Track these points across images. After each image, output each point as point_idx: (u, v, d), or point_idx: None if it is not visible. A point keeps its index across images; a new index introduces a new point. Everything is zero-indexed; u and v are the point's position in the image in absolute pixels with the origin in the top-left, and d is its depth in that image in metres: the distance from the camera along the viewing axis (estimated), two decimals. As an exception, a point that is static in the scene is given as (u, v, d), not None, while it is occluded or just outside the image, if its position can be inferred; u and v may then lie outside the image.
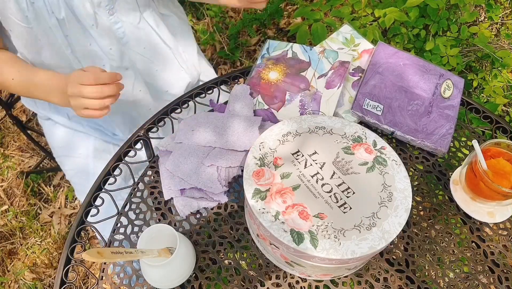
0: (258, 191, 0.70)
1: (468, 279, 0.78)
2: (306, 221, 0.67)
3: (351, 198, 0.70)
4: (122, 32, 0.92)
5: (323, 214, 0.68)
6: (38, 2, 0.80)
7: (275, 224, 0.67)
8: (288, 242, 0.65)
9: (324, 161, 0.74)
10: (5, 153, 1.79)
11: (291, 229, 0.66)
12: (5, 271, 1.54)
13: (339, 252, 0.65)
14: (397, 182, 0.72)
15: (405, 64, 0.94)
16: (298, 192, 0.70)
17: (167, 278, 0.73)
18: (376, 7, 1.49)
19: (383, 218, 0.68)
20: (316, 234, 0.66)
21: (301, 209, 0.69)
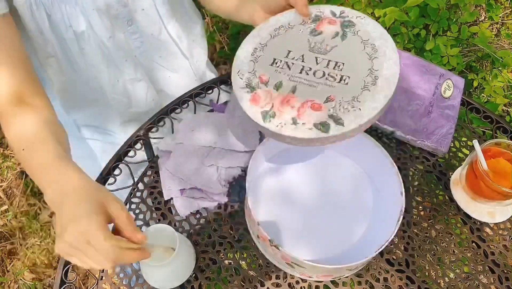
0: (265, 113, 0.69)
1: (469, 279, 0.78)
2: (321, 111, 0.67)
3: (344, 69, 0.70)
4: (140, 42, 0.91)
5: (331, 96, 0.68)
6: (56, 15, 0.78)
7: (298, 128, 0.67)
8: (317, 135, 0.65)
9: (302, 53, 0.74)
10: (5, 153, 1.78)
11: (314, 124, 0.66)
12: (5, 271, 1.54)
13: (365, 114, 0.65)
14: (372, 31, 0.72)
15: (405, 64, 0.94)
16: (299, 92, 0.70)
17: (167, 278, 0.73)
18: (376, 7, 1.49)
19: (380, 69, 0.69)
20: (336, 115, 0.66)
21: (310, 103, 0.68)
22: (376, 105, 0.66)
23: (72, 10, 0.79)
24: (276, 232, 0.79)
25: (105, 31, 0.84)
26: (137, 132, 0.91)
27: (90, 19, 0.81)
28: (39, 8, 0.76)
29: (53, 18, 0.79)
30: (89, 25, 0.82)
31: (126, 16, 0.86)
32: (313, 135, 0.66)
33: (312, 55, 0.73)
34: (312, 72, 0.71)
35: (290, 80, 0.71)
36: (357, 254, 0.72)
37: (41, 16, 0.77)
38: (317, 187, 0.84)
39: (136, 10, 0.87)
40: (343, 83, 0.69)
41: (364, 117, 0.65)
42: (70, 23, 0.80)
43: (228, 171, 0.83)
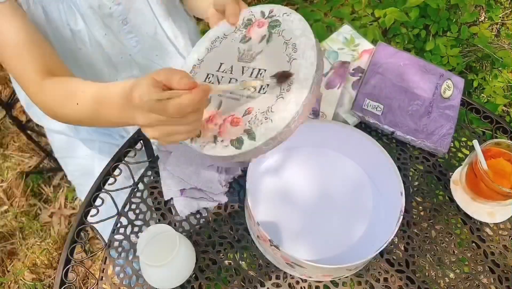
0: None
1: (469, 279, 0.77)
2: (238, 125, 0.64)
3: (265, 76, 0.66)
4: (136, 42, 0.92)
5: (249, 108, 0.65)
6: (52, 13, 0.78)
7: (216, 146, 0.64)
8: (233, 152, 0.62)
9: (231, 64, 0.70)
10: (5, 153, 1.78)
11: (230, 140, 0.63)
12: (5, 272, 1.54)
13: (276, 126, 0.61)
14: (295, 29, 0.67)
15: (405, 64, 0.94)
16: (223, 107, 0.67)
17: (167, 278, 0.73)
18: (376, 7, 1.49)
19: (297, 72, 0.63)
20: (250, 128, 0.63)
21: (230, 119, 0.65)
22: (285, 115, 0.61)
23: (68, 8, 0.79)
24: (276, 232, 0.79)
25: (100, 29, 0.85)
26: (137, 133, 0.91)
27: (84, 17, 0.81)
28: (36, 5, 0.76)
29: (50, 16, 0.79)
30: (85, 23, 0.82)
31: (120, 15, 0.86)
32: (230, 152, 0.63)
33: (240, 65, 0.70)
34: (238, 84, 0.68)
35: (217, 95, 0.69)
36: (357, 254, 0.72)
37: (38, 13, 0.78)
38: (317, 187, 0.84)
39: (130, 9, 0.87)
40: (262, 92, 0.65)
41: (274, 129, 0.61)
42: (67, 21, 0.80)
43: (228, 171, 0.83)
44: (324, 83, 0.91)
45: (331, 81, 0.91)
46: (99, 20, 0.83)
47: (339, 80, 0.91)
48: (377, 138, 0.90)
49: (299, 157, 0.87)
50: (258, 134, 0.62)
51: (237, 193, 0.84)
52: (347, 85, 0.93)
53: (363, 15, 1.52)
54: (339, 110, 0.91)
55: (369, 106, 0.89)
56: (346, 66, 0.92)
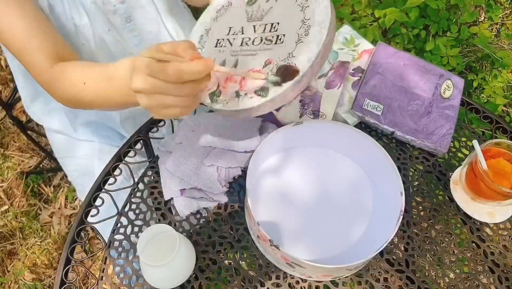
0: (212, 95, 0.68)
1: (468, 279, 0.78)
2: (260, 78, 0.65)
3: (279, 28, 0.68)
4: (139, 40, 0.92)
5: (268, 59, 0.66)
6: (58, 6, 0.78)
7: (241, 101, 0.65)
8: (259, 101, 0.63)
9: (241, 26, 0.72)
10: (5, 153, 1.78)
11: (255, 91, 0.64)
12: (5, 272, 1.54)
13: (301, 68, 0.62)
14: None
15: (405, 65, 0.94)
16: (240, 65, 0.68)
17: (167, 278, 0.73)
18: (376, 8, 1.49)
19: (311, 17, 0.65)
20: (274, 76, 0.64)
21: (250, 72, 0.67)
22: (309, 55, 0.63)
23: (72, 3, 0.79)
24: (276, 232, 0.79)
25: (104, 25, 0.85)
26: (137, 133, 0.91)
27: (88, 12, 0.82)
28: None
29: (55, 10, 0.79)
30: (89, 19, 0.82)
31: (124, 12, 0.86)
32: (256, 102, 0.64)
33: (250, 25, 0.72)
34: (251, 42, 0.70)
35: (232, 55, 0.70)
36: (357, 254, 0.72)
37: (43, 7, 0.78)
38: (317, 187, 0.84)
39: (134, 7, 0.87)
40: (279, 43, 0.67)
41: (299, 71, 0.62)
42: (71, 16, 0.81)
43: (228, 171, 0.83)
44: (324, 84, 0.91)
45: (331, 81, 0.91)
46: (103, 16, 0.84)
47: (339, 80, 0.91)
48: (377, 138, 0.90)
49: (299, 157, 0.87)
50: (283, 79, 0.63)
51: (237, 193, 0.84)
52: (347, 85, 0.94)
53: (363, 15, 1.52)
54: (339, 110, 0.91)
55: (369, 106, 0.89)
56: (346, 66, 0.92)
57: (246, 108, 0.65)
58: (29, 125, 1.48)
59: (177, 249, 0.68)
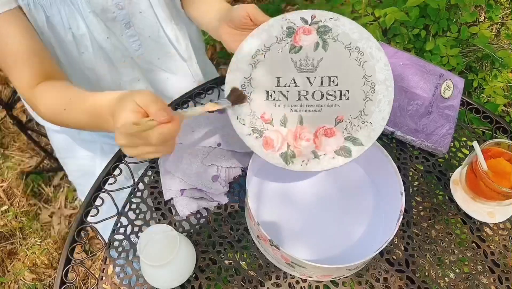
0: (285, 155, 0.67)
1: (468, 279, 0.78)
2: (336, 136, 0.67)
3: (339, 82, 0.68)
4: (138, 45, 0.91)
5: (338, 116, 0.67)
6: (54, 17, 0.78)
7: (321, 160, 0.66)
8: (343, 161, 0.66)
9: (292, 77, 0.71)
10: (5, 153, 1.78)
11: (335, 151, 0.66)
12: (5, 271, 1.54)
13: (377, 127, 0.66)
14: (350, 33, 0.69)
15: (405, 64, 0.94)
16: (306, 122, 0.68)
17: (167, 278, 0.73)
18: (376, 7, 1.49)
19: (373, 74, 0.67)
20: (351, 135, 0.66)
21: (322, 131, 0.67)
22: (383, 115, 0.66)
23: (70, 12, 0.79)
24: (276, 232, 0.79)
25: (102, 33, 0.84)
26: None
27: (87, 21, 0.81)
28: (37, 8, 0.76)
29: (52, 20, 0.79)
30: (87, 27, 0.82)
31: (124, 19, 0.86)
32: (340, 162, 0.66)
33: (303, 76, 0.70)
34: (310, 96, 0.69)
35: (292, 110, 0.69)
36: (357, 254, 0.72)
37: (40, 17, 0.77)
38: (317, 187, 0.84)
39: (134, 13, 0.87)
40: (345, 99, 0.68)
41: (377, 130, 0.66)
42: (69, 25, 0.80)
43: (228, 171, 0.83)
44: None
45: (331, 81, 0.91)
46: (102, 24, 0.83)
47: (339, 80, 0.91)
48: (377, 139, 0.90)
49: (299, 157, 0.87)
50: (363, 139, 0.65)
51: (237, 193, 0.84)
52: (347, 85, 0.93)
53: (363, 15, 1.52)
54: (339, 110, 0.91)
55: (369, 106, 0.89)
56: (346, 66, 0.92)
57: (330, 168, 0.67)
58: (29, 125, 1.48)
59: (177, 249, 0.68)
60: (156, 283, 0.73)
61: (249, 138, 0.70)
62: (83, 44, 0.84)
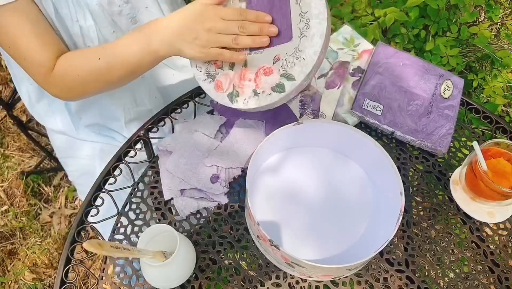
0: (230, 96, 0.73)
1: (468, 279, 0.78)
2: (272, 73, 0.70)
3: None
4: None
5: (277, 55, 0.71)
6: (62, 9, 0.79)
7: (260, 98, 0.71)
8: (278, 97, 0.69)
9: None
10: (5, 153, 1.79)
11: (271, 88, 0.70)
12: (5, 271, 1.54)
13: (309, 61, 0.68)
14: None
15: (405, 65, 0.94)
16: (250, 63, 0.73)
17: (167, 278, 0.73)
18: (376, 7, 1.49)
19: (308, 10, 0.69)
20: (286, 71, 0.69)
21: (262, 70, 0.72)
22: (315, 49, 0.68)
23: (77, 5, 0.80)
24: (276, 232, 0.79)
25: (109, 26, 0.85)
26: (137, 133, 0.92)
27: (93, 14, 0.82)
28: (47, 1, 0.77)
29: (60, 12, 0.79)
30: (94, 20, 0.83)
31: (129, 13, 0.86)
32: (275, 98, 0.70)
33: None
34: None
35: (244, 54, 0.74)
36: (357, 254, 0.72)
37: (49, 8, 0.78)
38: (317, 187, 0.84)
39: (139, 8, 0.87)
40: (284, 40, 0.71)
41: (308, 65, 0.68)
42: (77, 17, 0.81)
43: (228, 171, 0.83)
44: (324, 84, 0.91)
45: (331, 81, 0.91)
46: (108, 18, 0.84)
47: (339, 80, 0.91)
48: (377, 139, 0.90)
49: (299, 157, 0.87)
50: (296, 74, 0.69)
51: (237, 193, 0.84)
52: (347, 85, 0.94)
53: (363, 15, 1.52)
54: (339, 110, 0.91)
55: (369, 106, 0.89)
56: (346, 66, 0.92)
57: (267, 104, 0.71)
58: (30, 125, 1.48)
59: (177, 249, 0.68)
60: (156, 283, 0.74)
61: (204, 83, 0.77)
62: (89, 37, 0.85)
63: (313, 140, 0.86)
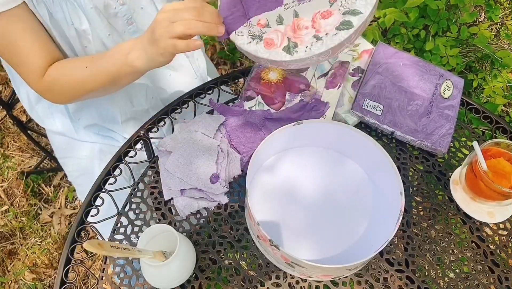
0: (287, 48, 0.69)
1: (468, 279, 0.78)
2: (333, 15, 0.67)
3: None
4: None
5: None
6: (57, 13, 0.79)
7: (325, 40, 0.67)
8: (347, 34, 0.65)
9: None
10: (5, 153, 1.79)
11: (336, 27, 0.67)
12: (5, 271, 1.54)
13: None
14: None
15: (405, 65, 0.94)
16: (301, 13, 0.69)
17: (167, 278, 0.73)
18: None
19: None
20: (349, 8, 0.67)
21: (319, 15, 0.68)
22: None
23: (72, 9, 0.79)
24: (276, 232, 0.79)
25: (104, 29, 0.85)
26: (137, 133, 0.92)
27: (89, 18, 0.82)
28: (40, 5, 0.77)
29: (55, 16, 0.79)
30: (89, 23, 0.82)
31: (125, 14, 0.86)
32: (344, 36, 0.66)
33: None
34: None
35: (285, 9, 0.70)
36: (357, 254, 0.72)
37: (43, 13, 0.78)
38: (317, 187, 0.84)
39: (135, 9, 0.87)
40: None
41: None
42: (72, 21, 0.81)
43: (228, 171, 0.83)
44: (324, 84, 0.91)
45: (331, 81, 0.91)
46: (104, 20, 0.84)
47: (339, 80, 0.91)
48: (377, 139, 0.90)
49: (299, 157, 0.87)
50: (361, 7, 0.66)
51: (237, 193, 0.84)
52: (347, 85, 0.94)
53: (362, 15, 1.52)
54: (339, 110, 0.91)
55: (369, 106, 0.89)
56: (346, 66, 0.92)
57: (335, 45, 0.66)
58: (29, 125, 1.48)
59: (177, 249, 0.68)
60: (156, 283, 0.74)
61: (250, 45, 0.71)
62: (86, 39, 0.85)
63: (313, 140, 0.87)
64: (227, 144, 0.86)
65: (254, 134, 0.86)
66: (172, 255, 0.68)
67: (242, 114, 0.89)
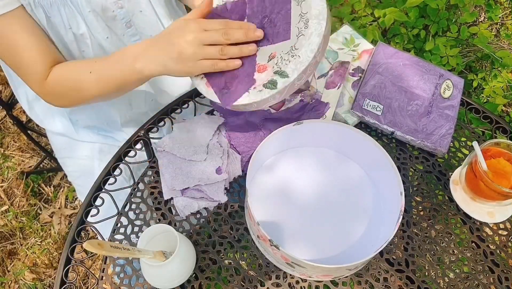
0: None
1: (468, 279, 0.78)
2: (267, 71, 0.70)
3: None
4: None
5: (272, 53, 0.70)
6: (55, 17, 0.79)
7: (251, 94, 0.70)
8: (269, 93, 0.68)
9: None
10: (5, 153, 1.79)
11: (263, 85, 0.69)
12: (5, 271, 1.54)
13: (304, 59, 0.67)
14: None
15: (405, 65, 0.94)
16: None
17: (167, 278, 0.73)
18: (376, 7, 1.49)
19: (308, 11, 0.69)
20: (280, 68, 0.68)
21: (256, 68, 0.71)
22: (312, 47, 0.67)
23: (70, 12, 0.79)
24: (276, 232, 0.79)
25: (102, 32, 0.85)
26: (137, 133, 0.92)
27: (87, 21, 0.81)
28: (38, 9, 0.77)
29: (52, 20, 0.79)
30: (87, 27, 0.82)
31: (124, 18, 0.86)
32: (265, 95, 0.68)
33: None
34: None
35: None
36: (357, 254, 0.72)
37: (41, 17, 0.78)
38: (317, 187, 0.84)
39: (134, 12, 0.87)
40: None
41: (303, 62, 0.67)
42: (69, 25, 0.81)
43: (227, 170, 0.83)
44: (324, 84, 0.91)
45: (331, 81, 0.91)
46: (102, 24, 0.83)
47: (339, 80, 0.91)
48: (377, 139, 0.90)
49: (299, 157, 0.87)
50: (290, 71, 0.68)
51: (237, 193, 0.84)
52: (347, 85, 0.94)
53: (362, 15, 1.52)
54: (339, 110, 0.91)
55: (369, 106, 0.89)
56: (346, 66, 0.92)
57: (258, 101, 0.69)
58: (29, 125, 1.48)
59: (177, 249, 0.68)
60: (156, 283, 0.74)
61: (196, 79, 0.75)
62: (84, 43, 0.84)
63: (313, 140, 0.87)
64: (227, 144, 0.86)
65: (254, 134, 0.86)
66: (172, 255, 0.68)
67: (242, 114, 0.89)
